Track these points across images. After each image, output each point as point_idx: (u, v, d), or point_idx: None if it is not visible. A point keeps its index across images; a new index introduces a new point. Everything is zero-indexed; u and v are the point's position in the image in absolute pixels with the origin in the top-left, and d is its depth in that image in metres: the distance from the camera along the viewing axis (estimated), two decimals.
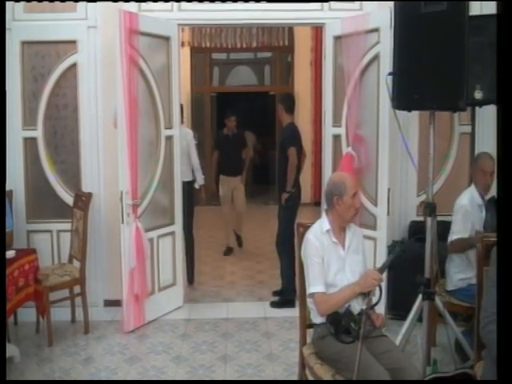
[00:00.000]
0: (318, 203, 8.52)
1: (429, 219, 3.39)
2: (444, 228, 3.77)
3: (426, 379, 2.93)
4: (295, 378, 3.32)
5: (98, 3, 4.69)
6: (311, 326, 3.01)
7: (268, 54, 10.66)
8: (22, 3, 4.70)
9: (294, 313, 4.29)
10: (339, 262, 2.88)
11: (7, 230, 4.09)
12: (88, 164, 4.84)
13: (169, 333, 4.46)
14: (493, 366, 2.22)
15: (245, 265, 6.40)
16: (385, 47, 4.23)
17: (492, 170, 3.69)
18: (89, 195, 4.52)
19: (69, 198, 4.82)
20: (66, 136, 4.90)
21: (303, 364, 3.02)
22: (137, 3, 4.67)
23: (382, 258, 4.27)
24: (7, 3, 4.57)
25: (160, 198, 4.77)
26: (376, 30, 4.34)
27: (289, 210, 5.02)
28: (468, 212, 3.67)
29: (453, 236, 3.71)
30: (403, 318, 3.49)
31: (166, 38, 4.69)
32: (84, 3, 4.71)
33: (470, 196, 3.74)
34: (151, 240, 4.66)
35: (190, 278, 5.63)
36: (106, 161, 4.81)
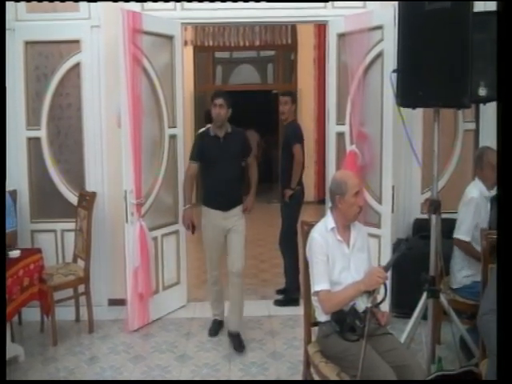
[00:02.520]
0: (321, 201, 8.50)
1: (433, 216, 3.39)
2: (449, 225, 3.76)
3: (430, 377, 2.92)
4: (300, 376, 3.31)
5: (101, 3, 4.68)
6: (316, 324, 3.01)
7: (271, 53, 10.67)
8: (25, 4, 4.70)
9: (298, 311, 4.30)
10: (344, 260, 2.88)
11: (11, 230, 4.10)
12: (92, 163, 4.85)
13: (173, 332, 4.46)
14: (492, 358, 2.22)
15: (248, 263, 6.37)
16: (388, 45, 4.23)
17: None
18: (93, 194, 4.52)
19: (73, 198, 4.82)
20: (69, 136, 4.90)
21: (308, 362, 3.02)
22: (139, 3, 4.67)
23: (386, 255, 4.27)
24: (10, 4, 4.58)
25: (164, 197, 4.77)
26: (379, 27, 4.33)
27: (292, 208, 5.00)
28: (479, 205, 3.66)
29: (462, 234, 3.68)
30: (408, 315, 3.47)
31: (169, 37, 4.69)
32: (87, 3, 4.71)
33: (479, 189, 3.72)
34: (155, 239, 4.66)
35: None
36: (109, 160, 4.82)
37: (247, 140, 4.46)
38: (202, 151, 4.20)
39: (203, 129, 4.37)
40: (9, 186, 4.50)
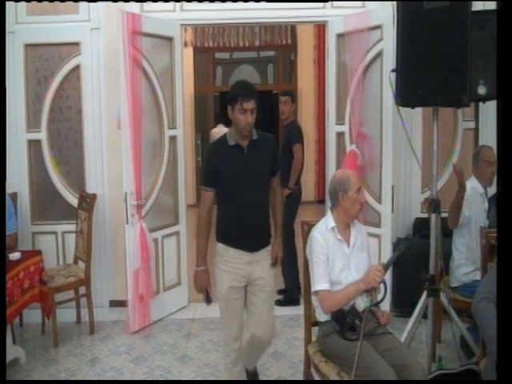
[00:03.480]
0: (321, 201, 8.52)
1: (433, 216, 3.39)
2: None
3: (431, 376, 2.92)
4: (300, 375, 3.31)
5: (101, 5, 4.69)
6: (316, 323, 3.01)
7: (271, 53, 10.66)
8: (25, 6, 4.71)
9: (298, 311, 4.30)
10: (344, 259, 2.88)
11: (12, 232, 4.11)
12: (92, 165, 4.85)
13: (174, 332, 4.46)
14: (491, 346, 2.23)
15: None
16: (388, 44, 4.24)
17: (494, 160, 3.69)
18: (93, 196, 4.52)
19: (73, 200, 4.83)
20: (69, 138, 4.91)
21: (308, 362, 3.02)
22: (139, 4, 4.68)
23: (386, 255, 4.26)
24: (10, 7, 4.59)
25: (164, 198, 4.77)
26: (379, 27, 4.34)
27: (289, 208, 4.97)
28: (470, 199, 3.68)
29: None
30: (408, 315, 3.47)
31: (169, 39, 4.70)
32: (87, 5, 4.72)
33: (472, 186, 3.76)
34: (156, 240, 4.66)
35: None
36: (110, 162, 4.82)
37: (277, 151, 3.28)
38: (217, 170, 2.98)
39: (216, 129, 3.95)
40: (9, 189, 4.51)
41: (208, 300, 3.11)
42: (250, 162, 2.98)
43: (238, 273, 3.02)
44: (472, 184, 3.79)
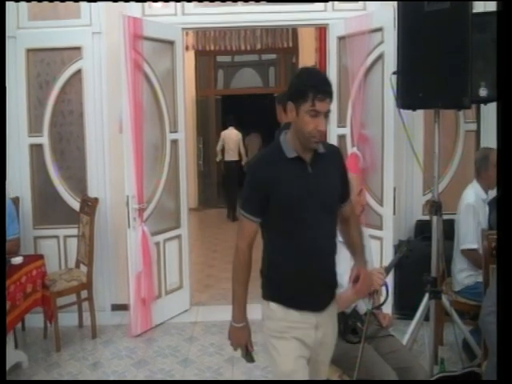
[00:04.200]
0: None
1: (435, 218, 3.38)
2: (450, 226, 3.76)
3: (433, 378, 2.92)
4: None
5: (102, 9, 4.69)
6: None
7: (272, 56, 10.70)
8: (26, 11, 4.71)
9: None
10: (346, 262, 2.87)
11: (14, 237, 4.11)
12: (94, 169, 4.85)
13: (176, 336, 4.46)
14: (493, 358, 2.22)
15: (252, 267, 6.37)
16: (389, 47, 4.24)
17: None
18: (95, 200, 4.53)
19: (75, 204, 4.83)
20: (71, 142, 4.91)
21: None
22: (140, 9, 4.69)
23: (388, 257, 4.25)
24: (12, 12, 4.61)
25: (166, 202, 4.77)
26: (380, 29, 4.34)
27: None
28: (476, 209, 3.64)
29: (468, 243, 3.64)
30: (410, 317, 3.47)
31: (171, 43, 4.71)
32: (88, 10, 4.72)
33: (475, 192, 3.72)
34: (157, 244, 4.67)
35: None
36: (111, 166, 4.82)
37: (347, 168, 2.40)
38: (268, 191, 2.13)
39: (227, 131, 3.72)
40: (11, 193, 4.53)
41: (249, 359, 2.44)
42: (315, 183, 2.15)
43: (306, 341, 2.22)
44: (475, 190, 3.73)
